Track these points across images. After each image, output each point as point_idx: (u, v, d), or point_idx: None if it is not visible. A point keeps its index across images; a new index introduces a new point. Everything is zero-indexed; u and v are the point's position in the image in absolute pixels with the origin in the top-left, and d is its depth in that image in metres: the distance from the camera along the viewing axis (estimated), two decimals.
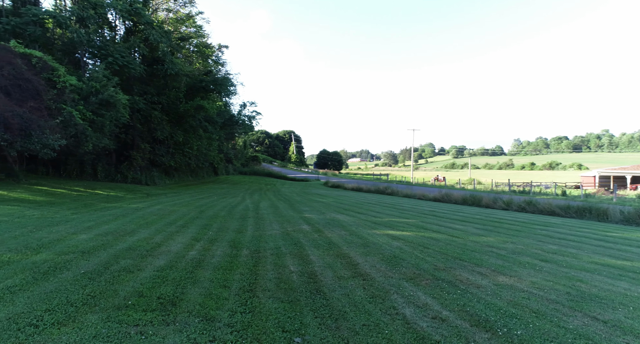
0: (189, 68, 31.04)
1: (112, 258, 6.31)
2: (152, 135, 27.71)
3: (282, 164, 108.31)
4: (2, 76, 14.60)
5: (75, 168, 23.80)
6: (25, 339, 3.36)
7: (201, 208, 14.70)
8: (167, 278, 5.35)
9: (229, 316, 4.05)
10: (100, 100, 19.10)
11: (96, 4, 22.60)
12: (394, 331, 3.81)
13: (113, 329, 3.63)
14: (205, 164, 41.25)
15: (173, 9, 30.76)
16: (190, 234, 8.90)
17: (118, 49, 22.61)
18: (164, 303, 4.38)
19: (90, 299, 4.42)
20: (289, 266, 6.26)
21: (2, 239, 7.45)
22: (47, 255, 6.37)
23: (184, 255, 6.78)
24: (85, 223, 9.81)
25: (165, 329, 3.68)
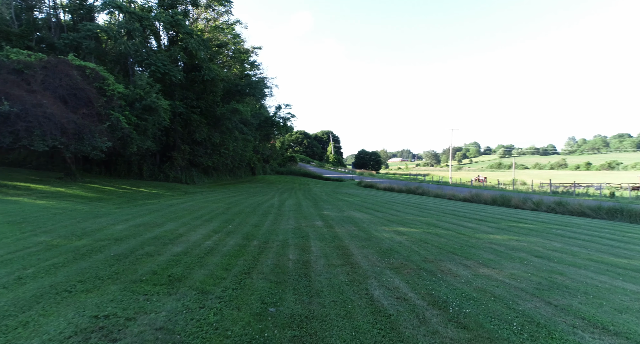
0: (225, 73, 32.76)
1: (139, 245, 7.33)
2: (191, 137, 29.62)
3: (319, 164, 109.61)
4: (61, 87, 16.55)
5: (124, 168, 26.09)
6: (61, 300, 4.30)
7: (229, 205, 15.81)
8: (180, 261, 6.24)
9: (221, 291, 4.82)
10: (143, 105, 20.94)
11: (141, 17, 24.64)
12: (356, 307, 4.39)
13: (126, 296, 4.51)
14: (243, 164, 43.08)
15: (211, 18, 32.59)
16: (212, 227, 9.87)
17: (160, 57, 24.52)
18: (172, 280, 5.24)
19: (114, 274, 5.37)
20: (288, 255, 6.96)
21: (55, 228, 8.78)
22: (87, 241, 7.52)
23: (200, 243, 7.70)
24: (123, 216, 11.11)
25: (167, 298, 4.51)
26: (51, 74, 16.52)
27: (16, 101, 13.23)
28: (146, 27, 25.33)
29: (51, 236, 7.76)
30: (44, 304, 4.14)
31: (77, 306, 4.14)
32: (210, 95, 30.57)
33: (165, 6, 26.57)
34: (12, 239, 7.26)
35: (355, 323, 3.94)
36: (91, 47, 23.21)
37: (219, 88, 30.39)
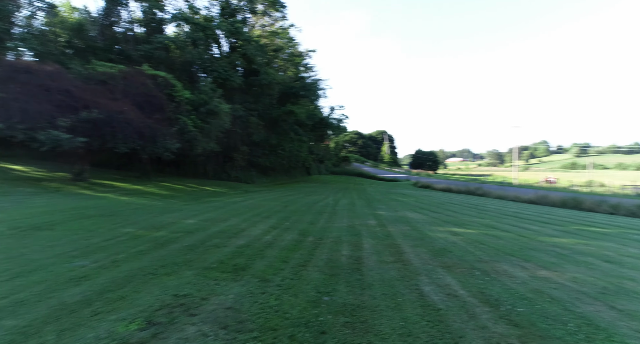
0: (280, 76, 34.01)
1: (207, 237, 8.11)
2: (250, 139, 31.20)
3: (374, 164, 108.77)
4: (138, 94, 18.45)
5: (191, 168, 28.24)
6: (148, 280, 5.03)
7: (286, 204, 16.54)
8: (243, 253, 6.85)
9: (280, 280, 5.28)
10: (207, 110, 22.56)
11: (205, 27, 26.49)
12: (406, 300, 4.60)
13: (200, 280, 5.14)
14: (298, 164, 44.27)
15: (268, 24, 34.02)
16: (270, 223, 10.52)
17: (222, 64, 26.20)
18: (237, 268, 5.81)
19: (188, 262, 6.08)
20: (341, 251, 7.29)
21: (138, 221, 9.96)
22: (164, 232, 8.47)
23: (260, 238, 8.31)
24: (192, 212, 12.21)
25: (233, 283, 5.06)
26: (130, 83, 18.47)
27: (103, 109, 15.08)
28: (209, 36, 27.18)
29: (135, 227, 8.85)
30: (135, 283, 4.88)
31: (161, 286, 4.83)
32: (267, 98, 31.93)
33: (226, 15, 28.26)
34: (106, 229, 8.42)
35: (404, 314, 4.16)
36: (162, 56, 25.44)
37: (275, 91, 31.64)
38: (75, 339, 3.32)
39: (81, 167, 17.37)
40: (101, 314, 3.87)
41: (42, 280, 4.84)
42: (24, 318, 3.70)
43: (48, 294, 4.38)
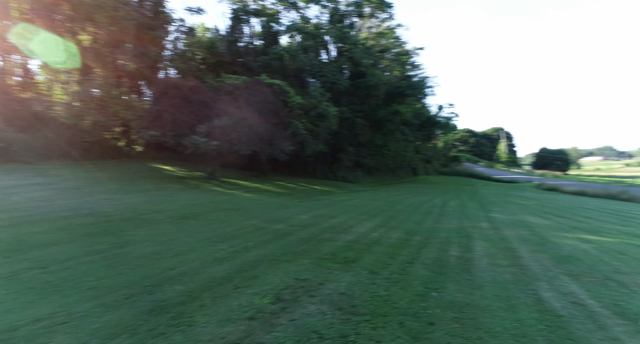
0: (386, 77, 33.99)
1: (319, 231, 8.84)
2: (356, 140, 31.98)
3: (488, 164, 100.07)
4: (257, 102, 20.64)
5: (301, 168, 30.27)
6: (273, 265, 5.84)
7: (392, 204, 16.65)
8: (352, 247, 7.33)
9: (388, 274, 5.59)
10: (317, 113, 23.95)
11: (315, 35, 28.09)
12: (521, 303, 4.47)
13: (316, 268, 5.76)
14: (404, 164, 43.61)
15: (374, 26, 34.35)
16: (377, 221, 10.85)
17: (330, 69, 27.47)
18: (347, 261, 6.30)
19: (304, 252, 6.80)
20: (450, 251, 7.23)
21: (259, 215, 11.32)
22: (283, 225, 9.50)
23: (368, 235, 8.71)
24: (305, 208, 13.26)
25: (345, 273, 5.55)
26: (251, 92, 20.78)
27: (230, 116, 17.39)
28: (318, 43, 28.75)
29: (259, 220, 10.12)
30: (264, 267, 5.72)
31: (284, 270, 5.57)
32: (373, 99, 32.28)
33: (335, 21, 29.51)
34: (236, 221, 9.83)
35: (519, 316, 4.07)
36: (277, 66, 27.85)
37: (381, 92, 31.78)
38: (225, 304, 4.17)
39: (213, 167, 20.24)
40: (240, 288, 4.71)
41: (195, 258, 6.03)
42: (187, 286, 4.74)
43: (201, 269, 5.46)
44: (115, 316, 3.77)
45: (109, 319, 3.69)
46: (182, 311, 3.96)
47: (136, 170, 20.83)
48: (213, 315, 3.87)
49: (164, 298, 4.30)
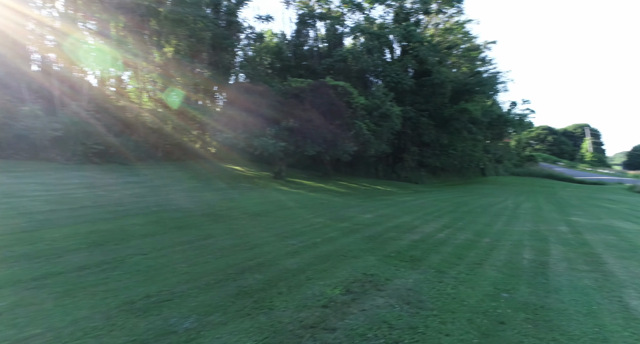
0: (453, 74, 32.72)
1: (384, 231, 8.99)
2: (420, 139, 31.25)
3: (569, 164, 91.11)
4: (322, 104, 21.19)
5: (363, 168, 30.36)
6: (341, 260, 6.15)
7: (458, 205, 16.14)
8: (417, 246, 7.39)
9: (456, 273, 5.61)
10: (380, 113, 23.91)
11: (379, 35, 28.03)
12: (603, 309, 4.27)
13: (382, 264, 5.96)
14: (471, 165, 41.57)
15: (441, 22, 33.25)
16: (442, 222, 10.69)
17: (394, 68, 27.22)
18: (413, 259, 6.41)
19: (370, 249, 7.02)
20: (523, 254, 6.97)
21: (324, 213, 11.74)
22: (347, 224, 9.80)
23: (434, 235, 8.66)
24: (368, 208, 13.44)
25: (411, 271, 5.68)
26: (316, 95, 21.39)
27: (297, 118, 18.14)
28: (382, 43, 28.63)
29: (324, 218, 10.53)
30: (332, 262, 6.06)
31: (352, 265, 5.85)
32: (439, 97, 31.29)
33: (400, 20, 29.14)
34: (303, 218, 10.34)
35: (600, 321, 3.92)
36: (340, 67, 28.26)
37: (447, 90, 30.70)
38: (300, 293, 4.56)
39: (279, 167, 21.22)
40: (313, 280, 5.08)
41: (269, 251, 6.55)
42: (265, 275, 5.23)
43: (275, 261, 5.95)
44: (207, 297, 4.33)
45: (203, 299, 4.26)
46: (263, 296, 4.42)
47: (211, 170, 22.57)
48: (290, 301, 4.28)
49: (246, 284, 4.81)
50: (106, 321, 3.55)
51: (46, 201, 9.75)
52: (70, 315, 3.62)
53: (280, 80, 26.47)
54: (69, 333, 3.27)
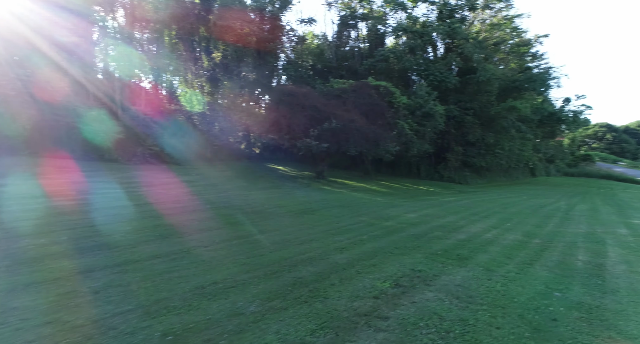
0: (500, 71, 31.46)
1: (428, 230, 9.05)
2: (464, 138, 30.40)
3: (631, 164, 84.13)
4: (364, 104, 21.34)
5: (405, 168, 30.08)
6: (388, 257, 6.35)
7: (505, 205, 15.67)
8: (464, 245, 7.41)
9: (505, 272, 5.63)
10: (423, 113, 23.62)
11: (422, 34, 27.66)
12: None
13: (429, 261, 6.09)
14: (519, 165, 39.74)
15: (488, 17, 32.10)
16: (489, 223, 10.52)
17: (437, 67, 26.74)
18: (460, 258, 6.47)
19: (416, 247, 7.15)
20: (577, 256, 6.80)
21: (368, 212, 11.94)
22: (392, 223, 9.94)
23: (480, 235, 8.60)
24: (412, 208, 13.44)
25: (459, 268, 5.77)
26: (358, 95, 21.57)
27: (339, 119, 18.43)
28: (426, 41, 28.21)
29: (368, 217, 10.74)
30: (379, 258, 6.28)
31: (399, 262, 6.04)
32: (484, 95, 30.26)
33: (444, 18, 28.55)
34: (347, 217, 10.61)
35: None
36: (382, 67, 28.20)
37: (494, 87, 29.62)
38: (351, 285, 4.84)
39: (321, 167, 21.62)
40: (362, 274, 5.34)
41: (318, 247, 6.89)
42: (316, 268, 5.55)
43: (325, 256, 6.27)
44: (267, 285, 4.73)
45: (263, 287, 4.65)
46: (317, 287, 4.74)
47: (255, 169, 23.45)
48: (343, 292, 4.56)
49: (300, 275, 5.16)
50: (183, 302, 4.03)
51: (114, 198, 10.77)
52: (153, 296, 4.14)
53: (322, 81, 26.88)
54: (155, 310, 3.77)
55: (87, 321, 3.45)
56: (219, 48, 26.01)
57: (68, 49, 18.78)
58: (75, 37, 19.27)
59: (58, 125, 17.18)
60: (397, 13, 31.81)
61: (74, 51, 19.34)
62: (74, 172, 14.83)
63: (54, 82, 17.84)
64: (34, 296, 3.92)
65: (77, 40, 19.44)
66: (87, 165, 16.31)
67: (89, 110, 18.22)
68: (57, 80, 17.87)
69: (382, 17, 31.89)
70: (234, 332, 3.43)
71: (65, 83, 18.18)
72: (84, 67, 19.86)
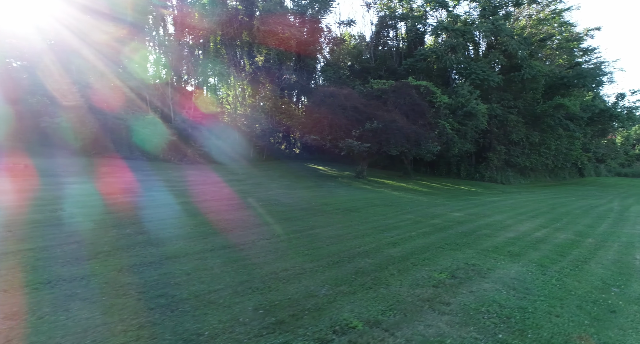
0: (547, 67, 30.28)
1: (476, 228, 9.17)
2: (507, 138, 29.58)
3: None
4: (404, 104, 21.44)
5: (444, 168, 29.74)
6: (440, 252, 6.63)
7: (553, 206, 15.28)
8: (514, 243, 7.53)
9: (559, 268, 5.76)
10: (464, 112, 23.33)
11: (464, 32, 27.25)
12: None
13: (481, 257, 6.32)
14: (567, 164, 38.00)
15: (534, 13, 31.01)
16: (538, 222, 10.45)
17: (480, 65, 26.24)
18: (511, 254, 6.63)
19: (466, 244, 7.36)
20: (634, 255, 6.75)
21: (412, 210, 12.16)
22: (438, 220, 10.13)
23: (530, 234, 8.64)
24: (456, 207, 13.49)
25: (512, 264, 5.96)
26: (398, 95, 21.70)
27: (380, 119, 18.69)
28: (467, 39, 27.76)
29: (413, 215, 10.98)
30: (431, 252, 6.57)
31: (451, 256, 6.31)
32: (530, 93, 29.31)
33: (487, 15, 27.95)
34: (393, 215, 10.91)
35: None
36: (422, 67, 28.07)
37: (540, 85, 28.61)
38: (409, 275, 5.20)
39: (361, 167, 21.94)
40: (418, 266, 5.68)
41: (371, 241, 7.27)
42: (374, 260, 5.95)
43: (379, 249, 6.64)
44: (332, 273, 5.18)
45: (329, 274, 5.12)
46: (378, 276, 5.14)
47: (297, 169, 24.15)
48: (403, 281, 4.94)
49: (360, 266, 5.58)
50: (263, 284, 4.57)
51: (176, 195, 11.70)
52: (236, 278, 4.72)
53: (361, 82, 27.18)
54: (242, 290, 4.33)
55: (190, 295, 4.07)
56: (261, 52, 27.00)
57: (122, 58, 20.36)
58: (128, 46, 20.80)
59: (118, 129, 18.68)
60: (437, 11, 31.47)
61: (127, 60, 20.90)
62: (134, 171, 16.11)
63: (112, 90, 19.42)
64: (140, 275, 4.62)
65: (130, 49, 20.97)
66: (145, 165, 17.63)
67: (144, 115, 19.63)
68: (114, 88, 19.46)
69: (421, 16, 31.67)
70: (313, 309, 3.91)
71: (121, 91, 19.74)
72: (137, 75, 21.39)
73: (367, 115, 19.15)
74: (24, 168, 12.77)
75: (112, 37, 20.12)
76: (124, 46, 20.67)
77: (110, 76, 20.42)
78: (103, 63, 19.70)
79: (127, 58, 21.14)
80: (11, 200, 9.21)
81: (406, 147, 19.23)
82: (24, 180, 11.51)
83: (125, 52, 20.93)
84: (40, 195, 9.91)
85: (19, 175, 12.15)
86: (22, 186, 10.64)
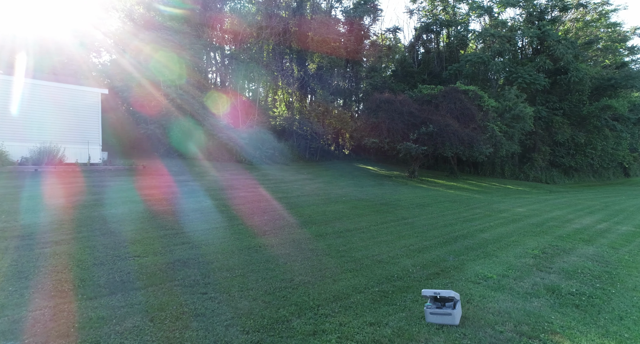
0: (594, 69, 30.60)
1: (543, 221, 10.64)
2: (552, 138, 30.17)
3: None
4: (455, 108, 22.77)
5: (488, 168, 30.69)
6: (522, 236, 8.23)
7: (606, 203, 16.30)
8: (582, 232, 9.00)
9: (627, 250, 7.28)
10: (512, 115, 24.37)
11: (510, 38, 28.16)
12: None
13: (559, 242, 7.87)
14: (612, 164, 37.83)
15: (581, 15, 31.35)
16: (596, 217, 11.76)
17: (526, 69, 27.10)
18: (583, 240, 8.13)
19: (541, 232, 8.89)
20: None
21: (477, 206, 13.65)
22: (506, 214, 11.64)
23: (593, 226, 10.04)
24: (515, 203, 14.87)
25: (587, 246, 7.50)
26: (448, 100, 23.06)
27: (435, 123, 20.20)
28: (513, 45, 28.62)
29: (481, 210, 12.52)
30: (516, 237, 8.19)
31: (534, 240, 7.91)
32: (575, 95, 29.78)
33: (533, 20, 28.69)
34: (462, 210, 12.50)
35: None
36: (468, 72, 29.18)
37: (586, 87, 29.05)
38: (508, 250, 6.87)
39: (413, 167, 23.47)
40: (511, 246, 7.33)
41: (461, 229, 8.95)
42: (472, 241, 7.64)
43: (471, 234, 8.31)
44: (448, 248, 6.94)
45: (447, 249, 6.88)
46: (485, 251, 6.85)
47: (350, 169, 25.97)
48: (508, 254, 6.63)
49: (465, 244, 7.30)
50: (403, 252, 6.39)
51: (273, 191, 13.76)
52: (383, 248, 6.57)
53: (405, 86, 28.64)
54: (395, 255, 6.17)
55: (363, 256, 5.95)
56: (313, 59, 29.00)
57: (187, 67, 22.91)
58: (190, 55, 23.12)
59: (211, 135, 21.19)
60: (482, 17, 32.39)
61: (193, 67, 23.39)
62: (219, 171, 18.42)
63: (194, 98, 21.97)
64: (288, 250, 6.55)
65: (194, 58, 23.36)
66: (223, 166, 19.97)
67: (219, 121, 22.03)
68: None
69: (465, 22, 32.68)
70: (454, 268, 5.70)
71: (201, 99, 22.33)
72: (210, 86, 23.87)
73: (421, 119, 20.69)
74: (143, 168, 15.22)
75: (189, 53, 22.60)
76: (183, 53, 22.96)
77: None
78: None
79: (192, 66, 23.62)
80: (171, 192, 11.49)
81: (460, 148, 20.61)
82: (152, 178, 13.92)
83: (190, 61, 23.33)
84: (180, 189, 12.13)
85: (143, 174, 14.60)
86: (157, 183, 12.98)
